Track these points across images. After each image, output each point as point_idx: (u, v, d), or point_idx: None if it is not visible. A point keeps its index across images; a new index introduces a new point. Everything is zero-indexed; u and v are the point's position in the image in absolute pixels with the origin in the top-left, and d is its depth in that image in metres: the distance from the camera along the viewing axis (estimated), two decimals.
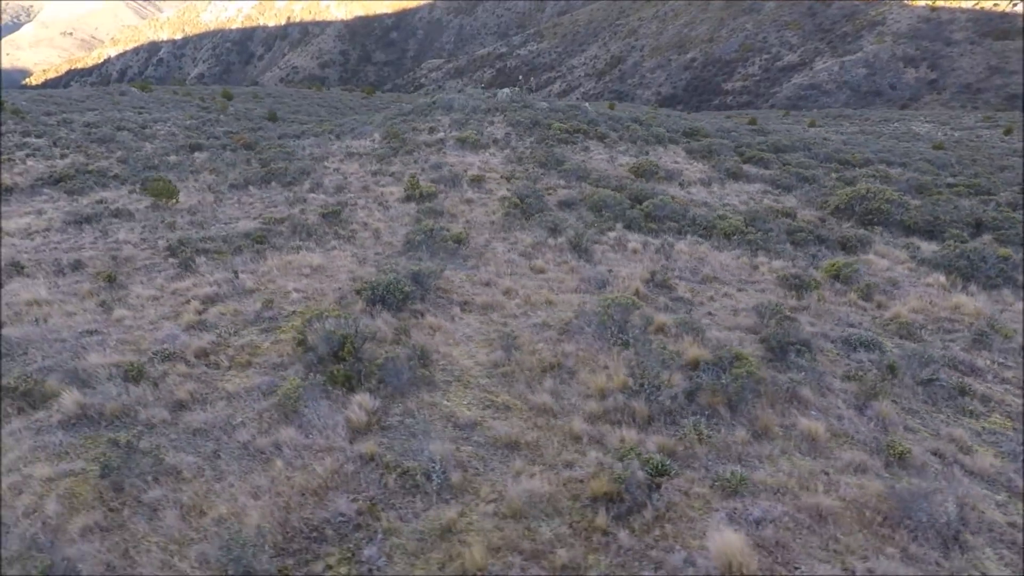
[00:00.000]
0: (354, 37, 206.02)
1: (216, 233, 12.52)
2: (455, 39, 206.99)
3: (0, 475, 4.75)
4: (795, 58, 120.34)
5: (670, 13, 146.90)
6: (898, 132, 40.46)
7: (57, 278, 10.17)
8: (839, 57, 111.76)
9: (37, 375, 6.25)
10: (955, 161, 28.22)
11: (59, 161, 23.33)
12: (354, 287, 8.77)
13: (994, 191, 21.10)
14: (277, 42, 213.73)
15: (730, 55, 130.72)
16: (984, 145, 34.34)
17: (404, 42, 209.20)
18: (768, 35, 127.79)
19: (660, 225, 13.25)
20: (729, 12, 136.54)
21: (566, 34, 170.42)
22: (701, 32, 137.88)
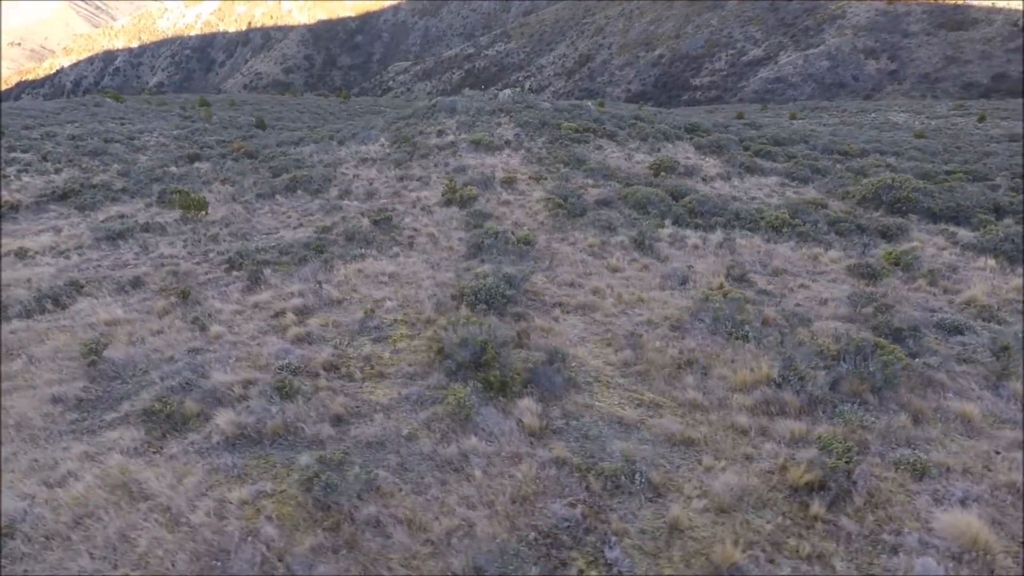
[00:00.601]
0: (318, 41, 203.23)
1: (265, 244, 12.27)
2: (421, 41, 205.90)
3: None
4: (760, 52, 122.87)
5: (636, 11, 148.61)
6: (877, 122, 41.73)
7: (121, 296, 9.84)
8: (802, 51, 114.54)
9: (172, 397, 6.07)
10: (942, 149, 29.23)
11: (55, 176, 22.56)
12: (449, 293, 8.71)
13: (991, 176, 21.95)
14: (239, 48, 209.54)
15: (697, 51, 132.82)
16: (962, 132, 35.67)
17: (369, 45, 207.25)
18: (733, 31, 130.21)
19: (706, 220, 13.44)
20: (693, 9, 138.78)
21: (533, 34, 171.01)
22: (667, 29, 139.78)
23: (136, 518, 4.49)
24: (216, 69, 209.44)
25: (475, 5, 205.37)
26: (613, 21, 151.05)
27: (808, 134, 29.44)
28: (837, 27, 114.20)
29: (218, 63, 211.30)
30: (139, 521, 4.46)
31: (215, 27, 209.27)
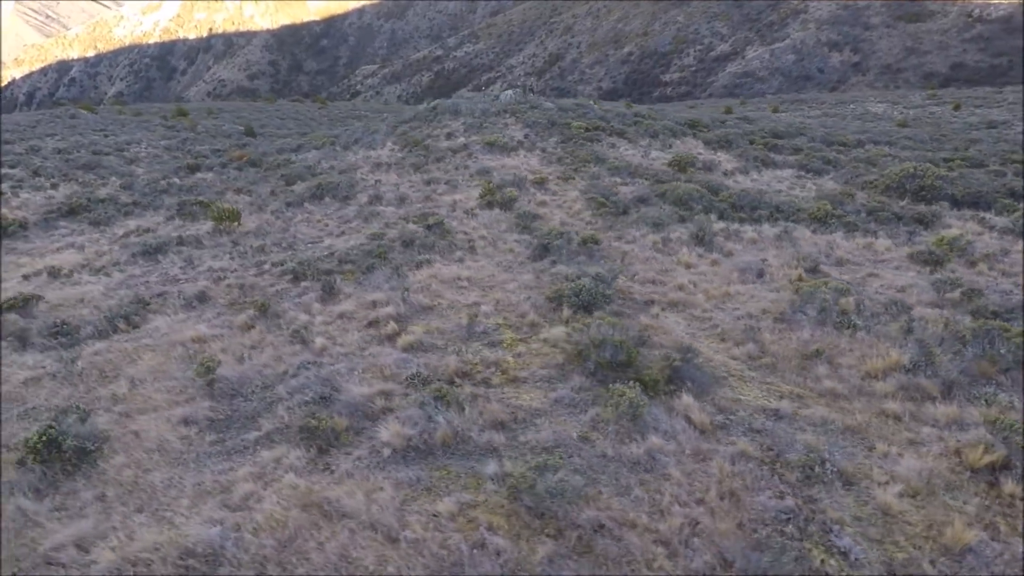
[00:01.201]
0: (282, 46, 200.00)
1: (318, 253, 12.05)
2: (388, 44, 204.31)
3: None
4: (727, 48, 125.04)
5: (603, 10, 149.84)
6: (857, 113, 42.90)
7: (190, 312, 9.58)
8: (768, 45, 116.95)
9: (320, 412, 5.95)
10: (929, 137, 30.19)
11: (53, 191, 21.85)
12: (542, 295, 8.70)
13: (987, 163, 22.76)
14: (200, 55, 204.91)
15: (665, 48, 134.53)
16: (942, 121, 36.91)
17: (335, 49, 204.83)
18: (699, 27, 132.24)
19: (749, 214, 13.67)
20: (660, 6, 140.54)
21: (501, 34, 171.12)
22: (635, 27, 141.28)
23: (346, 537, 4.41)
24: (177, 77, 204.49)
25: (441, 6, 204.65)
26: (581, 20, 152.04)
27: (801, 127, 30.11)
28: (800, 21, 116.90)
29: (179, 71, 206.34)
30: (352, 540, 4.38)
31: (174, 34, 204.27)
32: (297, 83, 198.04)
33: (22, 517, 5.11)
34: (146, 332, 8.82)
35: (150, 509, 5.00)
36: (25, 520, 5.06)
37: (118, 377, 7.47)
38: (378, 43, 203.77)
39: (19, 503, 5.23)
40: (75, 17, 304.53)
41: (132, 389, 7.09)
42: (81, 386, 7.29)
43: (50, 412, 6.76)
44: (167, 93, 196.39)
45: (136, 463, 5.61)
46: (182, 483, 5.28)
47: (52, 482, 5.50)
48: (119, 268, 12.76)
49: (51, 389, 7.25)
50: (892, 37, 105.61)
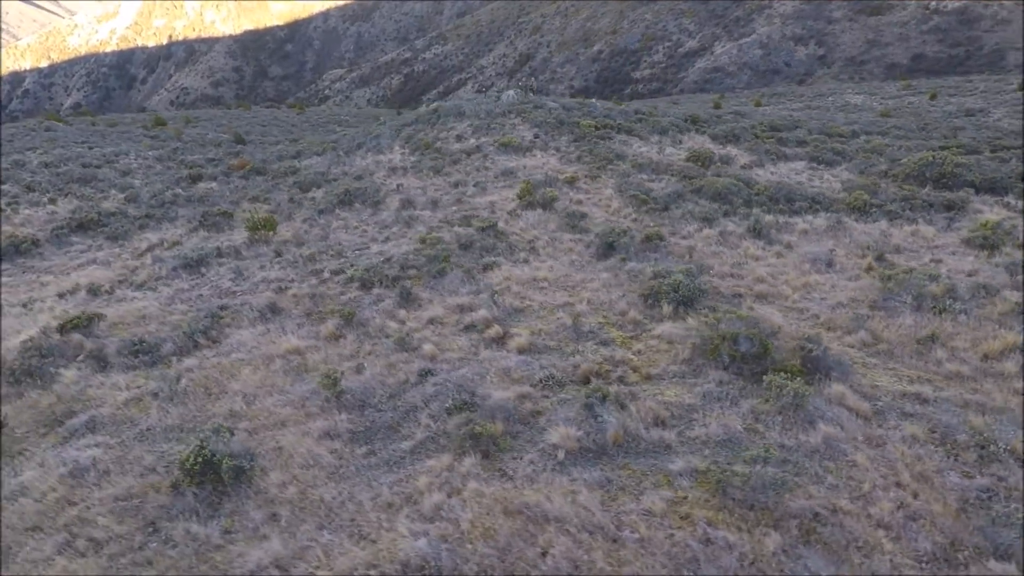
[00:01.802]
0: (246, 52, 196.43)
1: (375, 260, 11.90)
2: (355, 47, 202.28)
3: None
4: (695, 44, 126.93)
5: (571, 8, 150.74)
6: (838, 104, 44.04)
7: (266, 324, 9.38)
8: (735, 40, 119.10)
9: (476, 418, 5.90)
10: (916, 127, 31.16)
11: (53, 207, 21.16)
12: (636, 292, 8.76)
13: (981, 150, 23.61)
14: (160, 63, 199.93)
15: (634, 45, 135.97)
16: (922, 110, 38.12)
17: (301, 54, 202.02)
18: (667, 24, 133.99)
19: (788, 206, 13.95)
20: (627, 4, 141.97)
21: (470, 35, 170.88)
22: (604, 25, 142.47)
23: (567, 541, 4.40)
24: (138, 86, 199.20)
25: (407, 8, 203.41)
26: (550, 19, 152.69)
27: (795, 120, 30.78)
28: (766, 16, 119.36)
29: (139, 80, 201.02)
30: (575, 544, 4.37)
31: (132, 42, 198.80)
32: (263, 89, 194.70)
33: (194, 541, 4.96)
34: (231, 346, 8.61)
35: (335, 526, 4.90)
36: (200, 544, 4.92)
37: (225, 393, 7.29)
38: (344, 46, 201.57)
39: (187, 527, 5.08)
40: (25, 27, 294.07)
41: (249, 405, 6.93)
42: (191, 404, 7.10)
43: (173, 432, 6.58)
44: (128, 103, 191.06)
45: (295, 480, 5.50)
46: (355, 497, 5.19)
47: (211, 504, 5.35)
48: (163, 283, 12.41)
49: (160, 409, 7.04)
50: (854, 30, 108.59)
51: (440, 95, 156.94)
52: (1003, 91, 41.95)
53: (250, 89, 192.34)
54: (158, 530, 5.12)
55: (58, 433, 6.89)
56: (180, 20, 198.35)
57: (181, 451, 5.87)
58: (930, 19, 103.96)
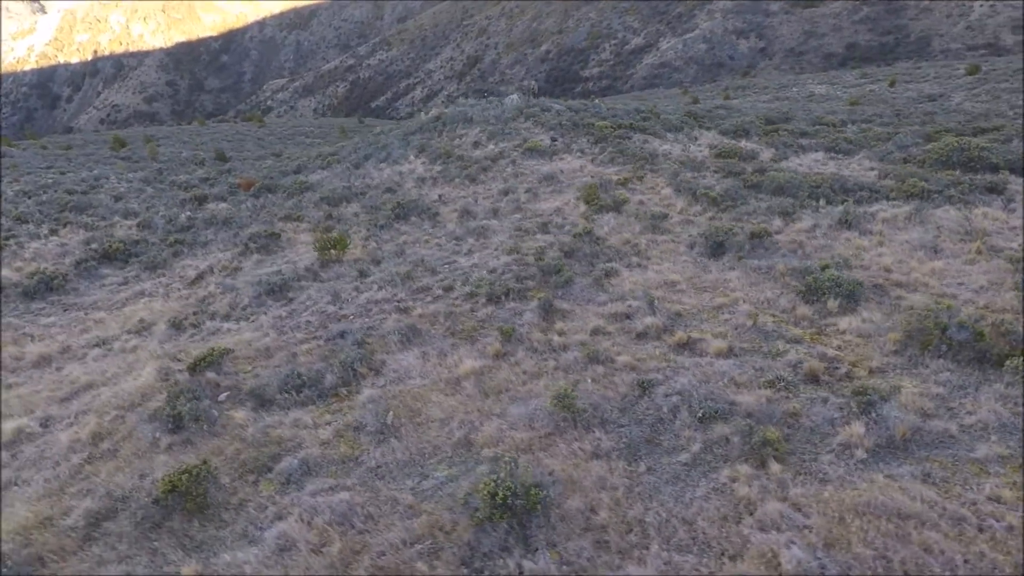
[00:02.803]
0: (179, 65, 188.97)
1: (481, 273, 11.70)
2: (294, 56, 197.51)
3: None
4: (641, 41, 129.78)
5: (516, 10, 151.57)
6: (804, 95, 45.92)
7: (419, 347, 9.10)
8: (680, 36, 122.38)
9: (744, 424, 5.94)
10: (891, 113, 32.84)
11: (58, 238, 20.00)
12: (792, 289, 8.96)
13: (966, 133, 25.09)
14: (87, 80, 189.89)
15: (581, 44, 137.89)
16: (886, 97, 40.19)
17: (238, 65, 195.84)
18: (612, 22, 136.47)
19: (851, 196, 14.49)
20: (571, 4, 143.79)
21: (414, 39, 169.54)
22: (549, 25, 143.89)
23: (938, 536, 4.50)
24: (63, 105, 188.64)
25: (346, 14, 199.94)
26: (495, 21, 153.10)
27: (785, 112, 31.92)
28: (707, 12, 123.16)
29: (64, 98, 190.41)
30: (951, 538, 4.48)
31: (54, 59, 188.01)
32: (200, 103, 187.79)
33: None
34: (397, 373, 8.33)
35: (680, 545, 4.85)
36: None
37: (433, 421, 7.06)
38: (283, 56, 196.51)
39: (515, 563, 4.93)
40: None
41: (475, 432, 6.74)
42: (407, 437, 6.84)
43: (411, 468, 6.33)
44: (52, 123, 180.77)
45: (596, 504, 5.40)
46: (678, 514, 5.15)
47: (518, 537, 5.20)
48: (251, 311, 11.86)
49: (378, 444, 6.75)
50: (792, 23, 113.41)
51: (389, 101, 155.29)
52: (953, 76, 44.68)
53: (186, 103, 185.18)
54: (481, 570, 4.95)
55: (272, 480, 6.51)
56: (105, 34, 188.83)
57: (439, 486, 5.70)
58: (860, 9, 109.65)
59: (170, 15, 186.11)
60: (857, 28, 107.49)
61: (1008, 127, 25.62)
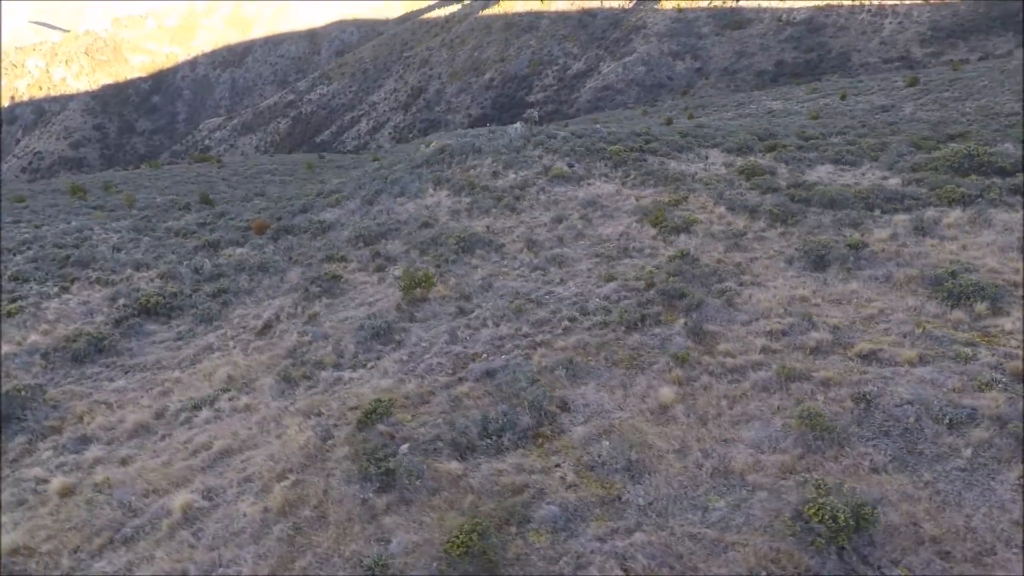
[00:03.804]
0: (107, 108, 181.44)
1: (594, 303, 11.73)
2: (230, 94, 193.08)
3: None
4: (582, 66, 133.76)
5: (456, 40, 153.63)
6: (763, 110, 48.46)
7: (594, 380, 9.05)
8: (619, 60, 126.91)
9: (992, 425, 6.23)
10: (859, 124, 35.08)
11: (72, 296, 18.91)
12: (926, 296, 9.47)
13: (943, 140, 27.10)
14: (3, 127, 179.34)
15: (524, 71, 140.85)
16: (844, 110, 42.91)
17: (170, 105, 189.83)
18: (552, 49, 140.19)
19: (902, 205, 15.41)
20: (511, 32, 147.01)
21: (355, 73, 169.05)
22: (491, 54, 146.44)
23: None
24: None
25: (282, 50, 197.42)
26: (436, 51, 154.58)
27: (768, 129, 33.56)
28: (643, 36, 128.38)
29: None
30: None
31: None
32: (131, 146, 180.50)
33: None
34: (591, 408, 8.26)
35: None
36: None
37: (668, 453, 7.05)
38: (219, 94, 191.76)
39: None
40: None
41: (722, 461, 6.78)
42: (661, 472, 6.79)
43: (694, 500, 6.30)
44: None
45: (914, 517, 5.54)
46: (1003, 518, 5.35)
47: (859, 556, 5.28)
48: (364, 357, 11.48)
49: (637, 482, 6.67)
50: (723, 43, 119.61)
51: (334, 135, 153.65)
52: (895, 88, 48.19)
53: (117, 147, 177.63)
54: None
55: (538, 529, 6.32)
56: (22, 80, 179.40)
57: (727, 517, 5.75)
58: (784, 29, 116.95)
59: (94, 57, 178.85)
60: (783, 47, 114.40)
61: (975, 133, 27.86)
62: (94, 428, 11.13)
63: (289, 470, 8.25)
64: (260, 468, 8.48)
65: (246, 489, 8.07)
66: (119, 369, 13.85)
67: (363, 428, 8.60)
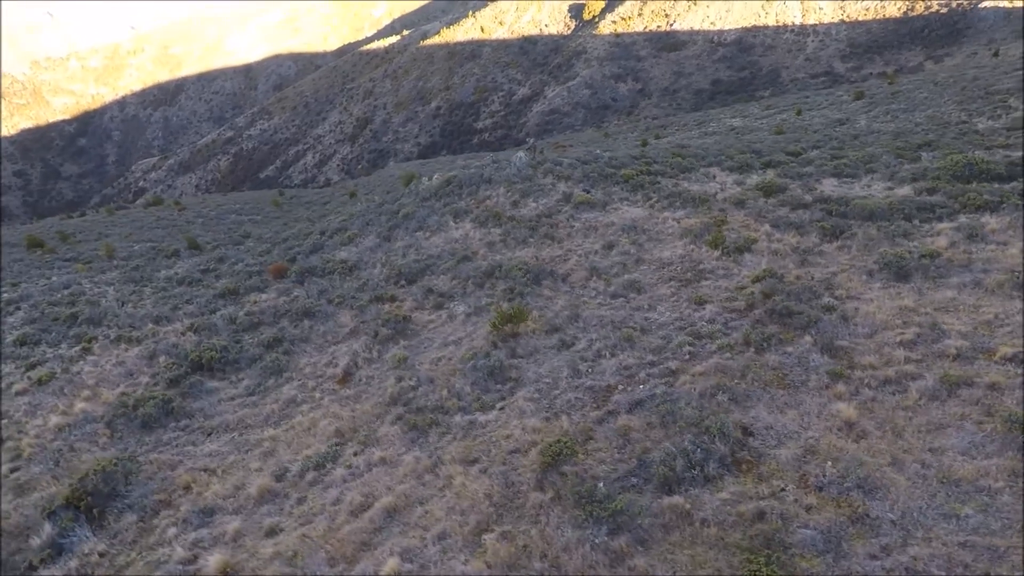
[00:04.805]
0: (28, 154, 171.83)
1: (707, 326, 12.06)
2: (163, 134, 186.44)
3: None
4: (527, 91, 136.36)
5: (399, 70, 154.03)
6: (725, 128, 50.84)
7: (753, 405, 9.30)
8: (563, 84, 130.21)
9: None
10: (827, 138, 37.32)
11: (96, 356, 18.02)
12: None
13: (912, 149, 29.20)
14: None
15: (470, 98, 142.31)
16: (804, 125, 45.53)
17: (99, 147, 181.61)
18: (496, 76, 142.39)
19: (935, 214, 16.56)
20: (454, 61, 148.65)
21: (296, 107, 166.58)
22: (436, 83, 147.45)
23: None
24: None
25: (217, 87, 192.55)
26: (380, 82, 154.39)
27: (751, 146, 35.24)
28: (584, 60, 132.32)
29: None
30: None
31: None
32: (57, 191, 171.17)
33: None
34: (776, 431, 8.49)
35: None
36: None
37: (884, 467, 7.36)
38: (151, 134, 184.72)
39: None
40: None
41: (946, 472, 7.14)
42: (899, 489, 7.09)
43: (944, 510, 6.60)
44: None
45: None
46: None
47: None
48: (487, 397, 11.36)
49: (877, 498, 6.94)
50: (661, 65, 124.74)
51: (279, 170, 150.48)
52: (843, 102, 51.57)
53: (41, 194, 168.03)
54: None
55: (806, 556, 6.49)
56: None
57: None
58: (717, 50, 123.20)
59: (11, 101, 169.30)
60: (717, 66, 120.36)
61: (937, 142, 30.17)
62: (211, 497, 10.56)
63: (485, 521, 8.10)
64: (449, 523, 8.28)
65: (448, 546, 7.87)
66: (199, 432, 13.19)
67: (549, 470, 8.54)
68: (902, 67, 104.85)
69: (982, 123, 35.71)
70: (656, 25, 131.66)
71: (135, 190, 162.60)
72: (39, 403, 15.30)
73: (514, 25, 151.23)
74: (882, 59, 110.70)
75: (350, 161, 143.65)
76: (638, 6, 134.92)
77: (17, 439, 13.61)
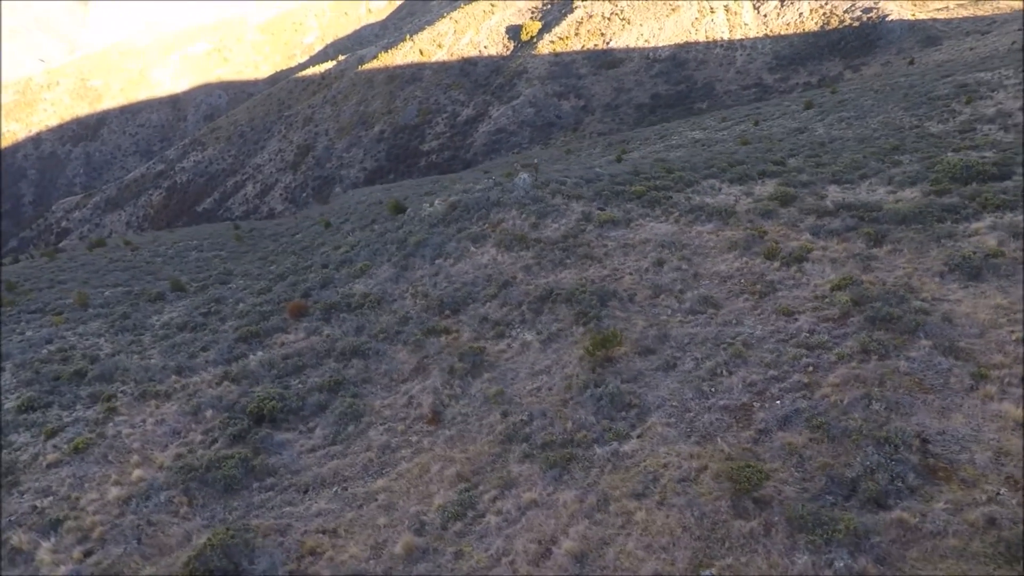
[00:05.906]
0: None
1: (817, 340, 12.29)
2: (85, 170, 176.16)
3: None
4: (471, 112, 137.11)
5: (339, 96, 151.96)
6: (687, 140, 52.65)
7: (922, 411, 9.51)
8: (507, 103, 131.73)
9: None
10: (796, 146, 39.23)
11: (124, 416, 16.86)
12: None
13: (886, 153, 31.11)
14: None
15: (413, 121, 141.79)
16: (768, 135, 47.71)
17: (13, 188, 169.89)
18: (438, 97, 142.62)
19: (962, 215, 17.60)
20: (395, 84, 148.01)
21: (231, 136, 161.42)
22: (377, 107, 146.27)
23: None
24: None
25: (142, 119, 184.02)
26: (320, 109, 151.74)
27: (734, 157, 36.56)
28: (525, 80, 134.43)
29: None
30: None
31: None
32: None
33: None
34: (955, 437, 8.70)
35: None
36: None
37: None
38: (71, 171, 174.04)
39: None
40: None
41: None
42: None
43: None
44: None
45: None
46: None
47: None
48: (619, 426, 11.16)
49: None
50: (601, 82, 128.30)
51: (218, 202, 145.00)
52: (795, 112, 54.43)
53: None
54: None
55: None
56: None
57: None
58: (653, 66, 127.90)
59: None
60: (655, 81, 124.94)
61: (903, 146, 32.28)
62: (351, 561, 9.87)
63: (697, 556, 7.91)
64: (657, 563, 8.04)
65: None
66: (292, 490, 12.35)
67: (742, 496, 8.44)
68: (824, 76, 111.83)
69: (933, 127, 38.29)
70: (593, 44, 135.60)
71: (57, 231, 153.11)
72: (84, 474, 13.97)
73: (453, 47, 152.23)
74: (806, 70, 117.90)
75: (293, 189, 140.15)
76: (574, 26, 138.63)
77: (77, 518, 12.30)
